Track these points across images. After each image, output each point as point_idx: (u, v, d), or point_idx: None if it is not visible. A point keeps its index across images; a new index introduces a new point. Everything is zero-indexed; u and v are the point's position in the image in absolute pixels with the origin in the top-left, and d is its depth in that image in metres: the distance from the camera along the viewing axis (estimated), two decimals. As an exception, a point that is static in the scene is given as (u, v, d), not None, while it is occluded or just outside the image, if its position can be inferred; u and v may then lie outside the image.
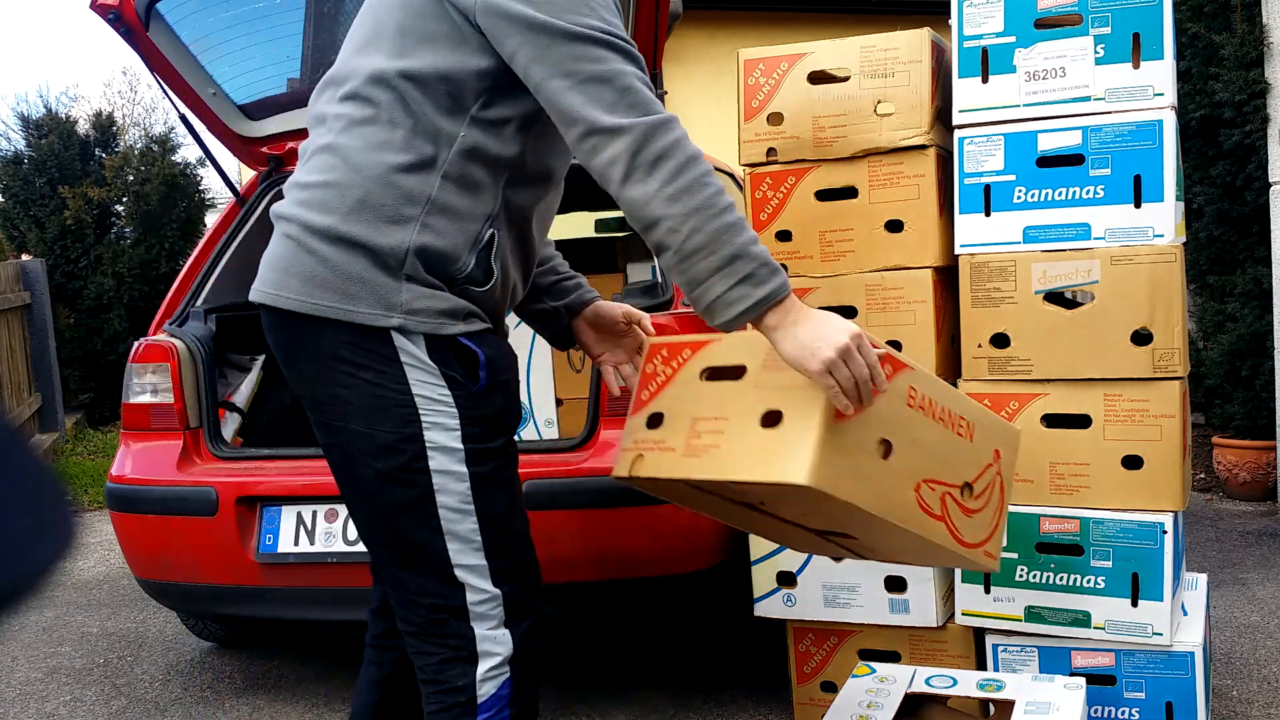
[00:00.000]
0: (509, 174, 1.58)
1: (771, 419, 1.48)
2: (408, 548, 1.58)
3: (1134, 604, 2.17)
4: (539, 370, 3.31)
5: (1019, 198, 2.25)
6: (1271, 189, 4.27)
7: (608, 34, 1.45)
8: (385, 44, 1.54)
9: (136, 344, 2.92)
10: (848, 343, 1.43)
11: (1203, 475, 4.83)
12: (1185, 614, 2.31)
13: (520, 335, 2.93)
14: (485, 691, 1.59)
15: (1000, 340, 2.27)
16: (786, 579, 2.48)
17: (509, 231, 1.61)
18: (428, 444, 1.54)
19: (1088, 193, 2.20)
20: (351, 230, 1.51)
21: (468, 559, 1.58)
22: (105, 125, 9.01)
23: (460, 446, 1.55)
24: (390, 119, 1.52)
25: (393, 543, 1.60)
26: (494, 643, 1.60)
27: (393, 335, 1.52)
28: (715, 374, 1.59)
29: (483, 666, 1.59)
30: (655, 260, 2.75)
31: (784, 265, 2.44)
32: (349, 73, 1.57)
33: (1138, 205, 2.17)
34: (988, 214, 2.27)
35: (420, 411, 1.53)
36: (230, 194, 3.35)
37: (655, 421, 1.62)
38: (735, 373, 1.56)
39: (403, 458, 1.54)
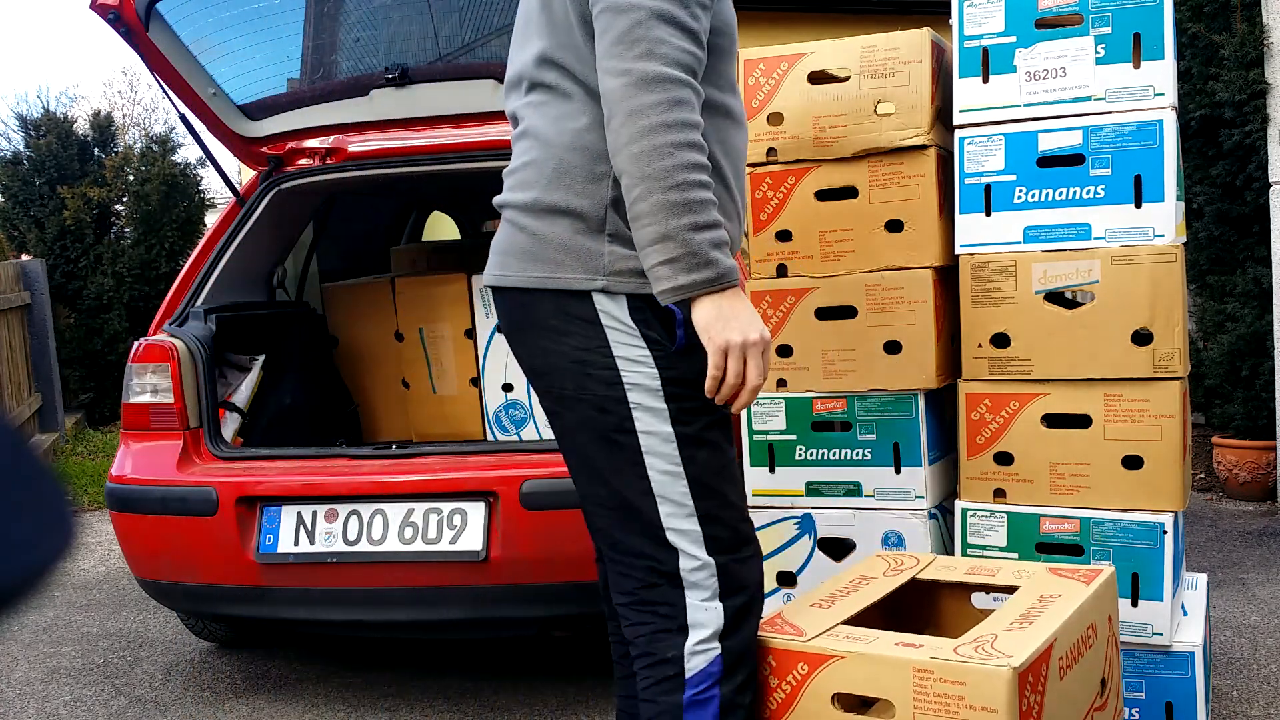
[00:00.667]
0: None
1: None
2: (623, 509, 1.58)
3: (1134, 604, 2.17)
4: None
5: (1019, 198, 2.25)
6: (1271, 189, 4.27)
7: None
8: (535, 29, 1.60)
9: (136, 344, 2.92)
10: (757, 339, 1.48)
11: (1203, 475, 4.83)
12: (1185, 614, 2.31)
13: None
14: (694, 666, 1.55)
15: (1000, 340, 2.27)
16: (787, 579, 2.48)
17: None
18: (632, 405, 1.54)
19: (1088, 193, 2.20)
20: (553, 198, 1.55)
21: (680, 523, 1.56)
22: (104, 125, 9.01)
23: (664, 406, 1.54)
24: (563, 91, 1.57)
25: (611, 504, 1.60)
26: (704, 613, 1.56)
27: (594, 298, 1.54)
28: None
29: (692, 639, 1.56)
30: None
31: (784, 265, 2.45)
32: (519, 70, 1.65)
33: (1138, 205, 2.17)
34: (988, 214, 2.27)
35: (622, 373, 1.54)
36: (230, 194, 3.35)
37: None
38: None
39: (611, 419, 1.55)
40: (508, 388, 2.80)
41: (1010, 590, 1.83)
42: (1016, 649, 1.52)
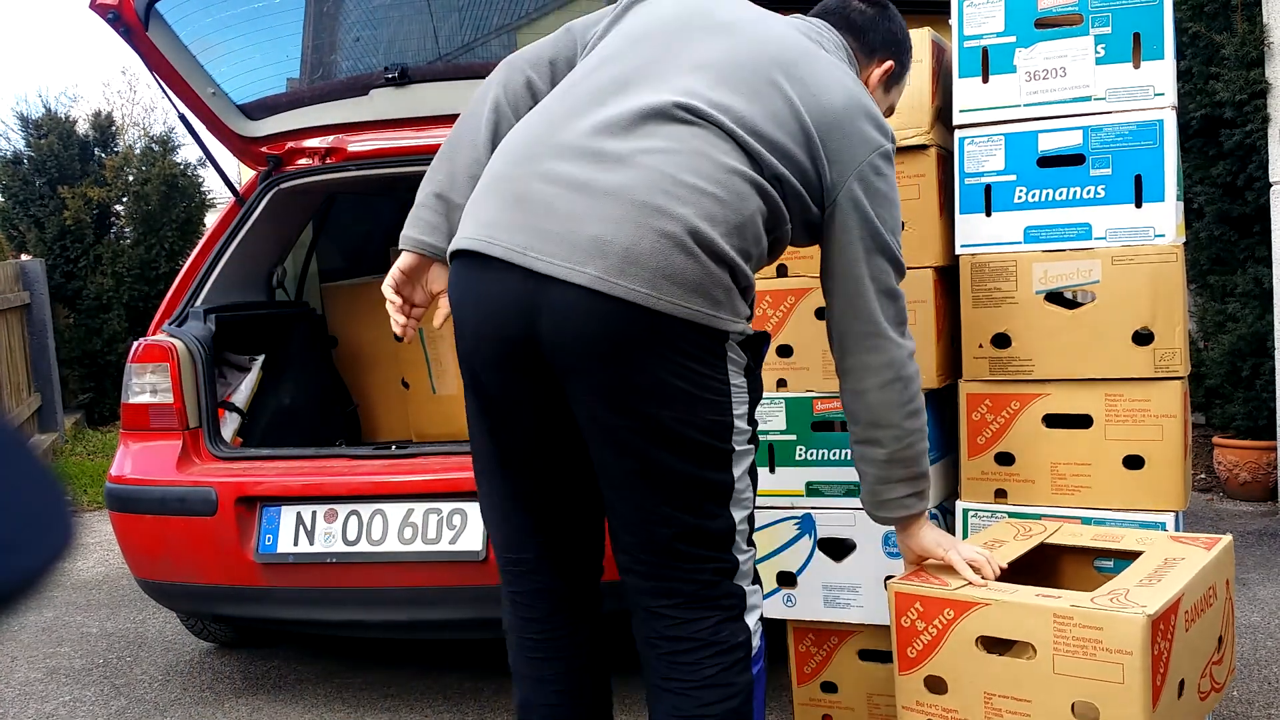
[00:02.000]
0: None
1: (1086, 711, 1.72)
2: (711, 520, 1.68)
3: (1135, 604, 2.17)
4: None
5: (1020, 198, 2.25)
6: (1272, 189, 4.26)
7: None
8: (740, 85, 1.70)
9: (136, 344, 2.91)
10: (950, 545, 1.92)
11: (1203, 475, 4.83)
12: (1186, 614, 2.31)
13: None
14: (756, 643, 1.74)
15: (1001, 340, 2.26)
16: (787, 579, 2.48)
17: None
18: (735, 429, 1.68)
19: (1088, 192, 2.20)
20: (728, 248, 1.65)
21: (745, 526, 1.73)
22: (104, 125, 9.01)
23: (748, 427, 1.71)
24: (750, 173, 1.68)
25: (686, 519, 1.67)
26: (755, 596, 1.75)
27: (730, 337, 1.68)
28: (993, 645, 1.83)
29: (750, 620, 1.73)
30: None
31: (784, 265, 2.45)
32: (713, 98, 1.67)
33: (1138, 205, 2.17)
34: (988, 214, 2.27)
35: (732, 398, 1.68)
36: (230, 194, 3.35)
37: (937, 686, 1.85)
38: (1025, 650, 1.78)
39: (714, 438, 1.66)
40: None
41: (1134, 556, 1.99)
42: (1149, 600, 1.69)
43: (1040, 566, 2.08)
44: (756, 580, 1.76)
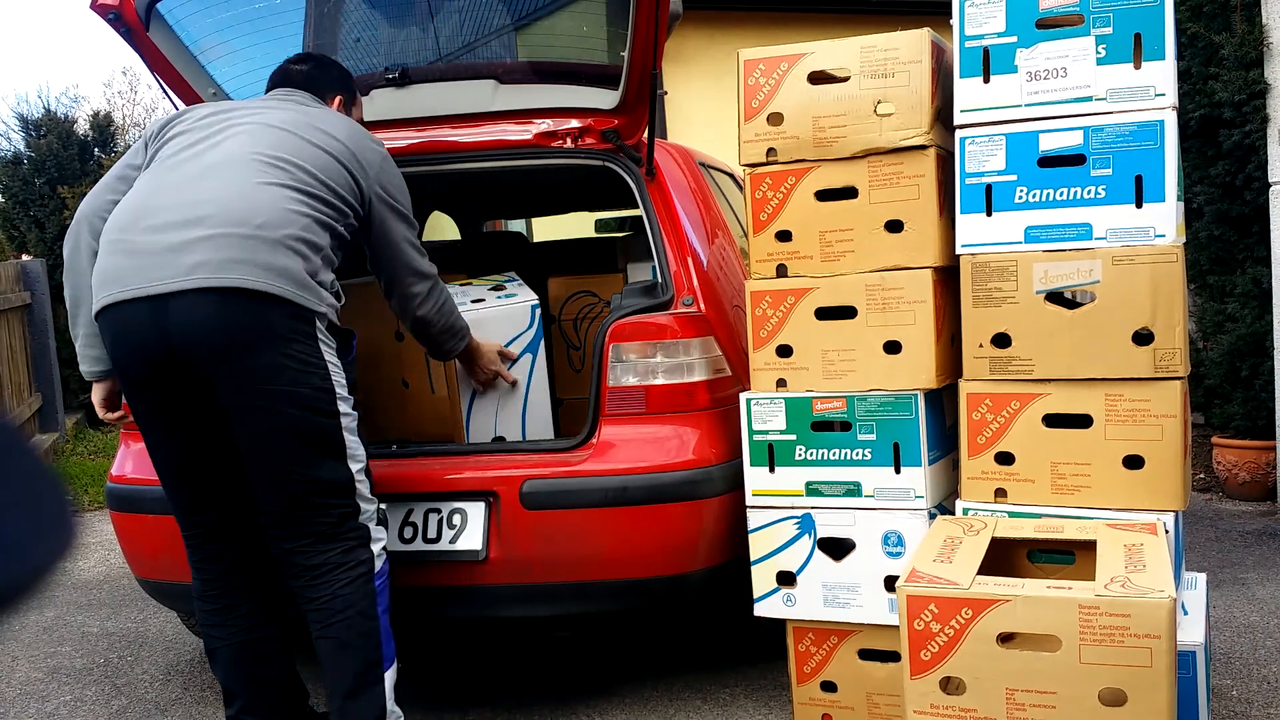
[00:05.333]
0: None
1: None
2: (329, 472, 2.22)
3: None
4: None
5: (1020, 198, 2.25)
6: (1271, 189, 4.26)
7: None
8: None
9: (136, 344, 2.91)
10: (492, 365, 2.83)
11: (1202, 475, 4.83)
12: (1185, 613, 2.31)
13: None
14: (379, 564, 2.30)
15: (1001, 340, 2.26)
16: (786, 579, 2.48)
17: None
18: (338, 396, 2.23)
19: (1089, 193, 2.20)
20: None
21: (362, 477, 2.28)
22: (104, 125, 9.01)
23: (349, 397, 2.28)
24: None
25: (313, 474, 2.21)
26: (378, 532, 2.33)
27: (316, 318, 2.21)
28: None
29: (375, 547, 2.30)
30: (655, 263, 2.75)
31: (784, 265, 2.45)
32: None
33: (1139, 205, 2.17)
34: (989, 214, 2.27)
35: (331, 375, 2.23)
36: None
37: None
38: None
39: (322, 406, 2.21)
40: (499, 438, 2.92)
41: (1076, 545, 2.04)
42: (1160, 584, 1.72)
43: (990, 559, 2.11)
44: (381, 524, 2.34)
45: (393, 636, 2.33)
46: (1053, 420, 2.24)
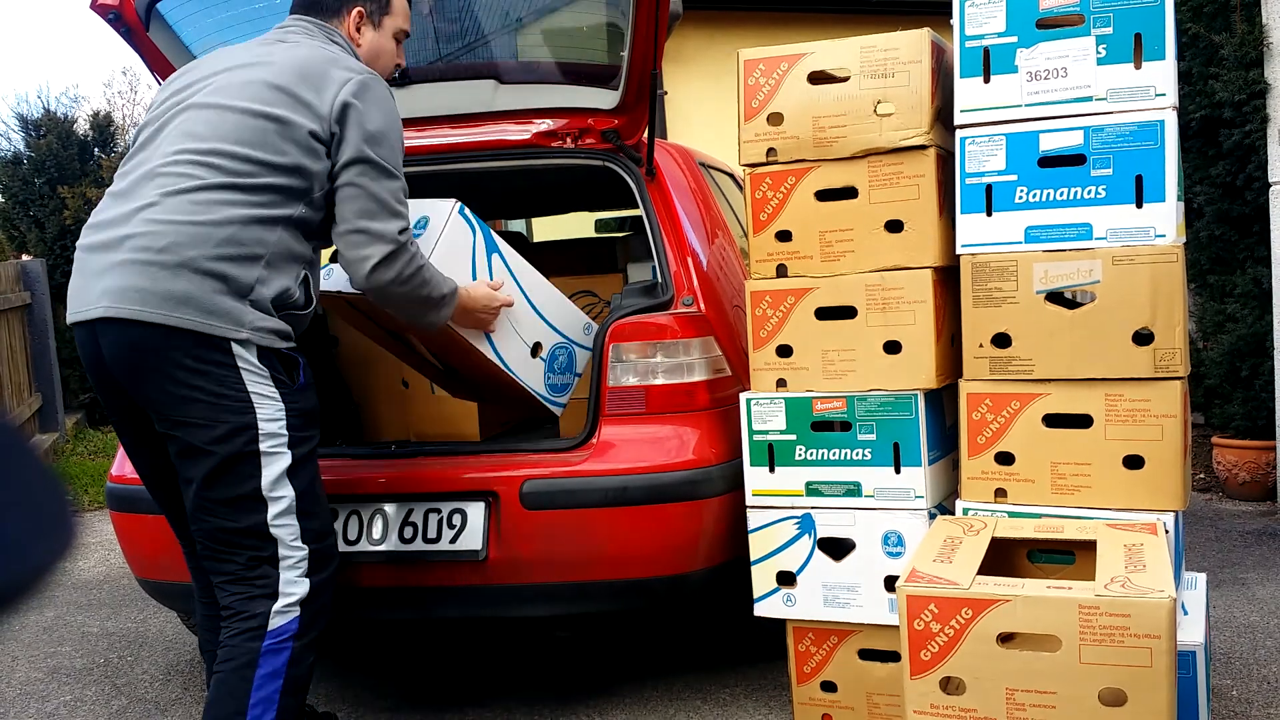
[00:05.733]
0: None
1: None
2: (241, 514, 2.03)
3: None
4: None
5: (1020, 198, 2.25)
6: (1271, 189, 4.26)
7: None
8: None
9: (136, 344, 2.91)
10: (491, 315, 2.48)
11: (1202, 475, 4.83)
12: (1185, 614, 2.31)
13: None
14: (275, 624, 2.04)
15: (1001, 340, 2.26)
16: (786, 579, 2.48)
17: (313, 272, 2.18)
18: (262, 432, 2.02)
19: (1089, 193, 2.20)
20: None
21: (284, 521, 2.05)
22: (104, 125, 9.01)
23: (285, 433, 2.05)
24: None
25: (226, 504, 2.03)
26: (293, 586, 2.06)
27: (232, 345, 2.02)
28: None
29: (279, 603, 2.04)
30: (655, 263, 2.75)
31: (784, 265, 2.45)
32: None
33: (1139, 205, 2.17)
34: (989, 214, 2.27)
35: (255, 404, 2.02)
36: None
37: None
38: None
39: (240, 440, 2.01)
40: (536, 348, 2.60)
41: (1076, 545, 2.04)
42: (1160, 584, 1.73)
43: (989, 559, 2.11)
44: (308, 575, 2.08)
45: (279, 708, 2.04)
46: (1053, 420, 2.24)
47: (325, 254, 2.48)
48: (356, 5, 2.32)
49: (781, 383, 2.46)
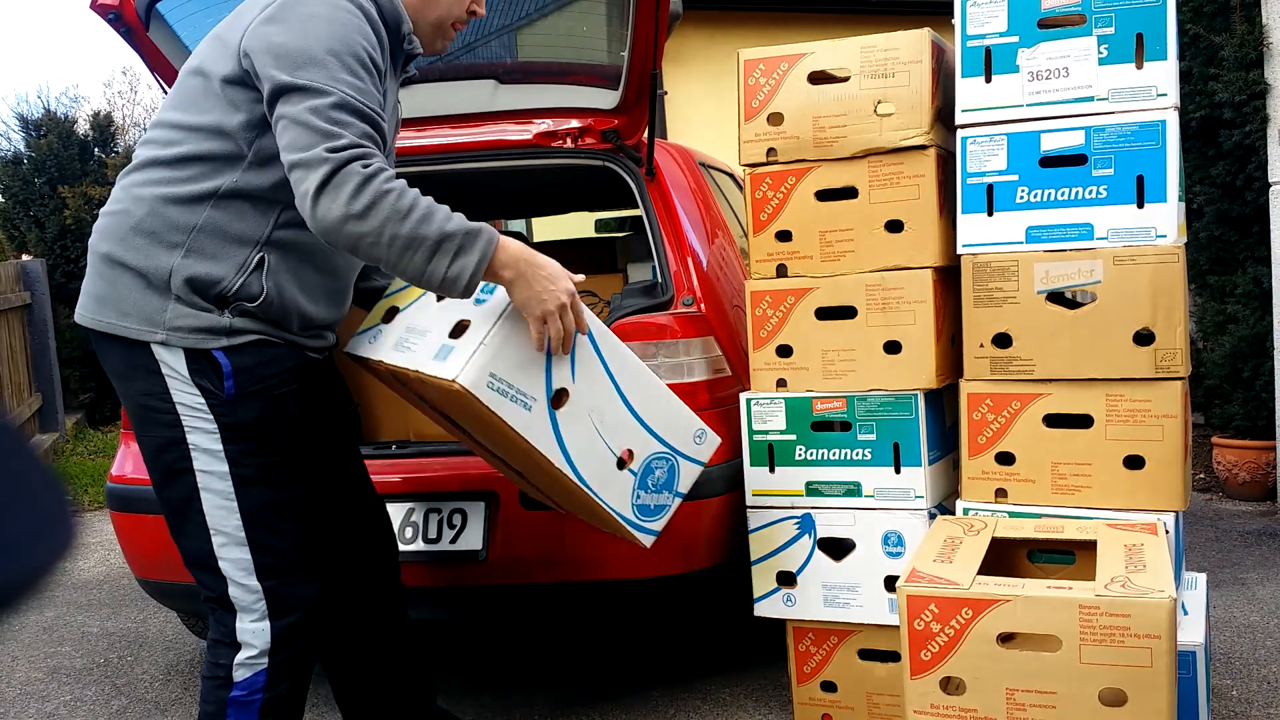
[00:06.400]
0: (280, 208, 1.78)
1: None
2: (185, 540, 1.81)
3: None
4: None
5: (1021, 197, 2.25)
6: (1271, 189, 4.26)
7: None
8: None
9: (136, 344, 2.90)
10: (565, 302, 1.73)
11: (1202, 475, 4.83)
12: (1185, 614, 2.31)
13: None
14: (240, 676, 1.80)
15: (1002, 340, 2.26)
16: (786, 579, 2.48)
17: (287, 256, 1.81)
18: (190, 446, 1.76)
19: (1090, 193, 2.20)
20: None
21: (231, 553, 1.78)
22: (104, 125, 9.01)
23: (220, 448, 1.76)
24: None
25: (175, 531, 1.83)
26: (252, 635, 1.80)
27: (153, 349, 1.75)
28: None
29: (241, 655, 1.80)
30: (655, 263, 2.75)
31: (784, 265, 2.44)
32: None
33: (1140, 205, 2.17)
34: (990, 214, 2.27)
35: (182, 418, 1.76)
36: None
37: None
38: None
39: (170, 457, 1.77)
40: (626, 457, 2.01)
41: (1076, 545, 2.04)
42: (1160, 584, 1.73)
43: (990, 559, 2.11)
44: (273, 617, 1.80)
45: None
46: (1053, 420, 2.24)
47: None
48: None
49: (781, 383, 2.46)
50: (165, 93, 3.08)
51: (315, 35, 1.68)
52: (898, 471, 2.37)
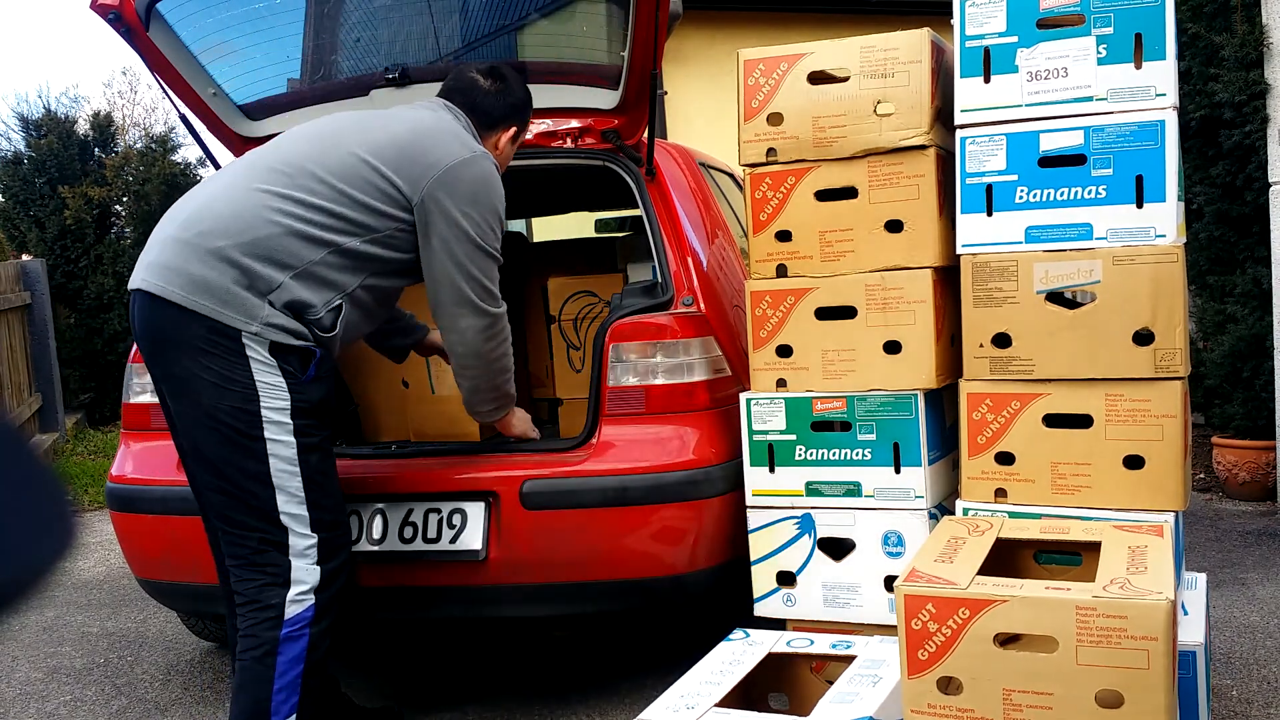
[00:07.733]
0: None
1: None
2: (242, 494, 2.11)
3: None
4: None
5: (1021, 198, 2.25)
6: (1271, 189, 4.26)
7: None
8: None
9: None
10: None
11: (1202, 475, 4.83)
12: (1185, 614, 2.31)
13: None
14: (291, 611, 2.11)
15: (1002, 340, 2.26)
16: (786, 579, 2.48)
17: (355, 308, 2.28)
18: (264, 419, 2.11)
19: (1090, 193, 2.20)
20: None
21: (292, 508, 2.13)
22: (104, 125, 9.01)
23: (289, 421, 2.12)
24: None
25: (230, 491, 2.13)
26: (305, 574, 2.14)
27: (243, 337, 2.11)
28: None
29: (293, 591, 2.12)
30: (655, 263, 2.75)
31: (784, 265, 2.45)
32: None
33: (1139, 205, 2.17)
34: (990, 214, 2.27)
35: (260, 393, 2.11)
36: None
37: None
38: None
39: (242, 425, 2.10)
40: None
41: (1082, 546, 2.04)
42: (1159, 586, 1.73)
43: (993, 561, 2.11)
44: (319, 562, 2.15)
45: (303, 690, 2.14)
46: (1053, 420, 2.24)
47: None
48: (514, 124, 2.50)
49: (781, 383, 2.46)
50: (165, 93, 3.08)
51: (486, 193, 2.33)
52: (898, 471, 2.37)
